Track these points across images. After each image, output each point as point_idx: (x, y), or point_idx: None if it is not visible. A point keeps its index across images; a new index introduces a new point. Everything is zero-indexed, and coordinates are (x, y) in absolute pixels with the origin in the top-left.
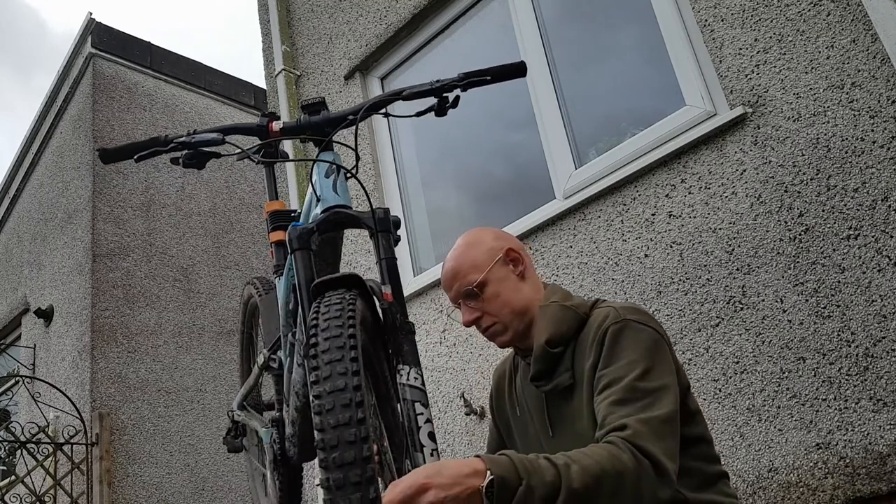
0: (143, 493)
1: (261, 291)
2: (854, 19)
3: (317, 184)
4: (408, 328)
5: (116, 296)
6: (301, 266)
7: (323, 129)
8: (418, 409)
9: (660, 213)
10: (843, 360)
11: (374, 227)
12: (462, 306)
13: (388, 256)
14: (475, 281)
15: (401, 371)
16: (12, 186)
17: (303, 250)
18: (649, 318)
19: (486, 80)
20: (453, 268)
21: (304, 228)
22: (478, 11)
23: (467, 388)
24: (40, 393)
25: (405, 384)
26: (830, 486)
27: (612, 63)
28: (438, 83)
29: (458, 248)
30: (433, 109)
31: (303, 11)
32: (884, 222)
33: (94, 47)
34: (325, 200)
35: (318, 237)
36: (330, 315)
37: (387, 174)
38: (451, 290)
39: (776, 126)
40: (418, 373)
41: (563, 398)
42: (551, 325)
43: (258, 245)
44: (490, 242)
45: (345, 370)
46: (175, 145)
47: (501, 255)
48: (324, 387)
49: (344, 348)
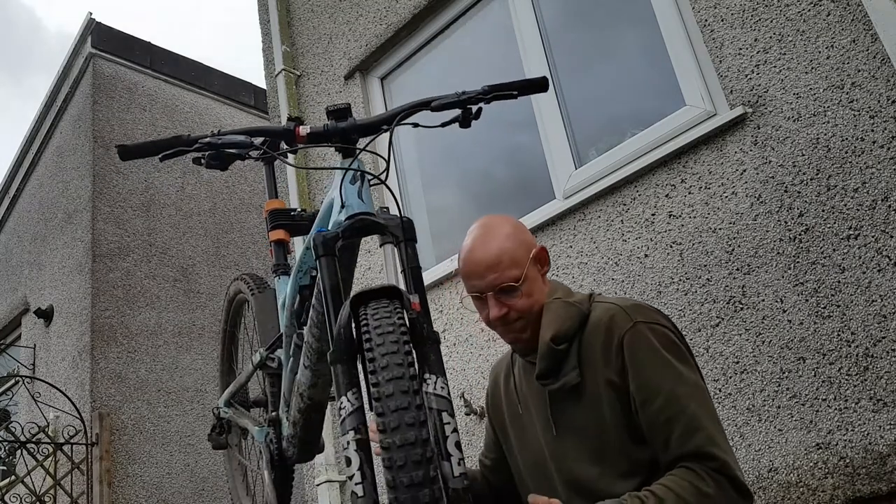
0: (143, 493)
1: (253, 289)
2: (854, 19)
3: (343, 190)
4: (434, 337)
5: (116, 296)
6: (327, 273)
7: (349, 135)
8: (445, 418)
9: (660, 213)
10: (843, 360)
11: (400, 235)
12: (491, 299)
13: (414, 265)
14: (518, 277)
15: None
16: (12, 186)
17: (328, 256)
18: (656, 315)
19: (512, 94)
20: (491, 257)
21: (328, 234)
22: (478, 11)
23: (467, 388)
24: (40, 393)
25: (432, 393)
26: (830, 486)
27: (612, 63)
28: (465, 95)
29: (489, 235)
30: (458, 121)
31: (303, 11)
32: (884, 222)
33: (94, 47)
34: (349, 207)
35: (342, 243)
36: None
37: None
38: (482, 280)
39: (776, 126)
40: (444, 382)
41: (570, 397)
42: (556, 322)
43: (258, 245)
44: (523, 236)
45: (413, 420)
46: (200, 145)
47: (535, 253)
48: (392, 439)
49: (408, 393)
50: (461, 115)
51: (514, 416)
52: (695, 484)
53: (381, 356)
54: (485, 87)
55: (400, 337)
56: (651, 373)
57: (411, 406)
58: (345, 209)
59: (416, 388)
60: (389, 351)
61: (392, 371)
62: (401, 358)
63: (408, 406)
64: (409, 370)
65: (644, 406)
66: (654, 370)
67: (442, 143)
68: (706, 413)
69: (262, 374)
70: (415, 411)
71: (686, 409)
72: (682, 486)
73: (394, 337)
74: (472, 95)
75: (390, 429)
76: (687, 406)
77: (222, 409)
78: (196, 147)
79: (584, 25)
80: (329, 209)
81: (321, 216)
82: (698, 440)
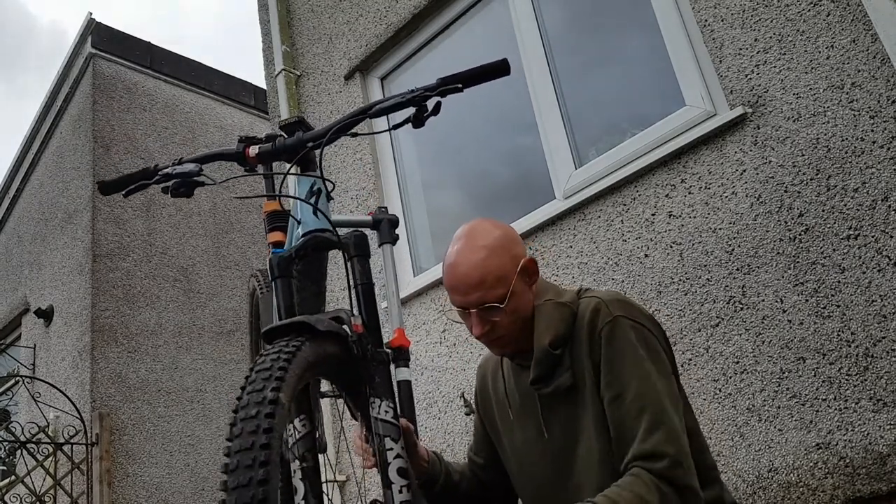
0: (143, 493)
1: (262, 287)
2: (854, 19)
3: (296, 207)
4: (380, 358)
5: (116, 296)
6: (281, 294)
7: (297, 151)
8: (388, 444)
9: (660, 213)
10: (843, 360)
11: (351, 251)
12: (474, 316)
13: (364, 282)
14: (503, 296)
15: (372, 404)
16: (12, 186)
17: (283, 278)
18: (636, 312)
19: (458, 88)
20: (477, 276)
21: (282, 256)
22: (478, 11)
23: (467, 388)
24: (40, 393)
25: (377, 418)
26: (830, 486)
27: (612, 63)
28: (412, 93)
29: (474, 248)
30: (409, 121)
31: (303, 11)
32: (884, 222)
33: (94, 47)
34: (304, 224)
35: (299, 262)
36: (268, 355)
37: (387, 174)
38: (466, 297)
39: (776, 126)
40: (389, 406)
41: (562, 399)
42: (551, 326)
43: (258, 245)
44: (511, 247)
45: (261, 399)
46: (159, 178)
47: (522, 267)
48: (239, 415)
49: (269, 380)
50: (414, 114)
51: (504, 417)
52: (638, 493)
53: (247, 395)
54: (437, 80)
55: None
56: (621, 369)
57: (254, 447)
58: (301, 226)
59: (268, 427)
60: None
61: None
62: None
63: (251, 447)
64: (266, 410)
65: (611, 403)
66: (623, 367)
67: (442, 142)
68: (667, 415)
69: None
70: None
71: (651, 409)
72: (624, 498)
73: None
74: (418, 93)
75: (230, 471)
76: (652, 406)
77: None
78: (155, 179)
79: (585, 25)
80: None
81: (289, 235)
82: (654, 441)
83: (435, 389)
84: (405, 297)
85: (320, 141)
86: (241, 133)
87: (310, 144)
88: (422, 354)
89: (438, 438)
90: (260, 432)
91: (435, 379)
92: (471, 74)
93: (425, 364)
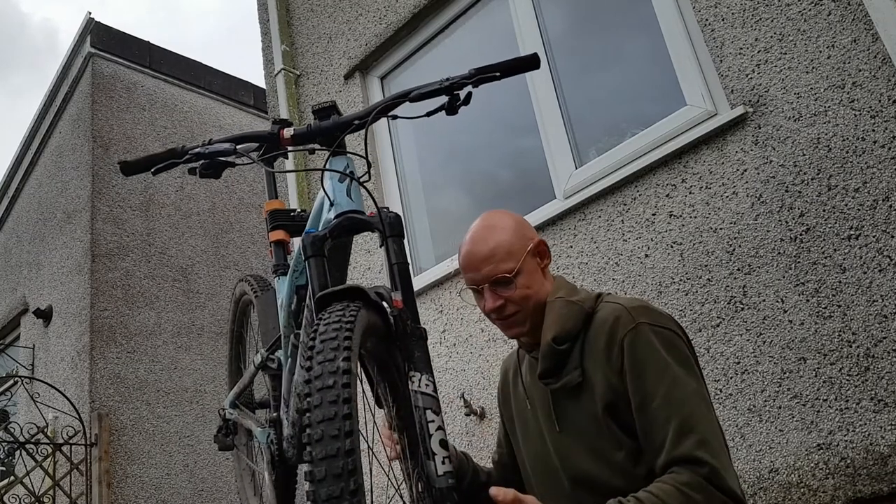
0: (142, 493)
1: (256, 290)
2: (855, 19)
3: (330, 189)
4: (419, 334)
5: (116, 296)
6: (315, 273)
7: (333, 133)
8: (429, 416)
9: (660, 213)
10: (844, 361)
11: (387, 231)
12: (486, 291)
13: (400, 262)
14: (512, 269)
15: (412, 378)
16: (11, 186)
17: (317, 257)
18: (661, 317)
19: (495, 76)
20: (487, 250)
21: (317, 235)
22: (477, 11)
23: (467, 388)
24: (39, 393)
25: (417, 391)
26: (831, 486)
27: (613, 62)
28: (448, 81)
29: (487, 229)
30: (444, 108)
31: (302, 11)
32: (885, 222)
33: (93, 47)
34: (338, 206)
35: (331, 242)
36: (330, 321)
37: (387, 174)
38: (478, 272)
39: (777, 126)
40: (430, 379)
41: (571, 396)
42: (557, 322)
43: (258, 245)
44: (522, 230)
45: (335, 369)
46: (190, 157)
47: (533, 246)
48: (314, 385)
49: (338, 349)
50: (447, 102)
51: (520, 412)
52: (681, 490)
53: (318, 353)
54: (471, 71)
55: (344, 325)
56: (648, 375)
57: (337, 417)
58: (333, 208)
59: (346, 382)
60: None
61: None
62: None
63: (333, 417)
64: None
65: (640, 409)
66: (651, 373)
67: (442, 142)
68: (701, 418)
69: (265, 375)
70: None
71: (680, 413)
72: (667, 493)
73: (333, 344)
74: (455, 80)
75: (314, 441)
76: (681, 410)
77: (228, 411)
78: (186, 158)
79: (585, 24)
80: (321, 208)
81: (313, 215)
82: (689, 444)
83: None
84: None
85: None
86: None
87: (356, 122)
88: None
89: None
90: (341, 402)
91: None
92: (505, 66)
93: None
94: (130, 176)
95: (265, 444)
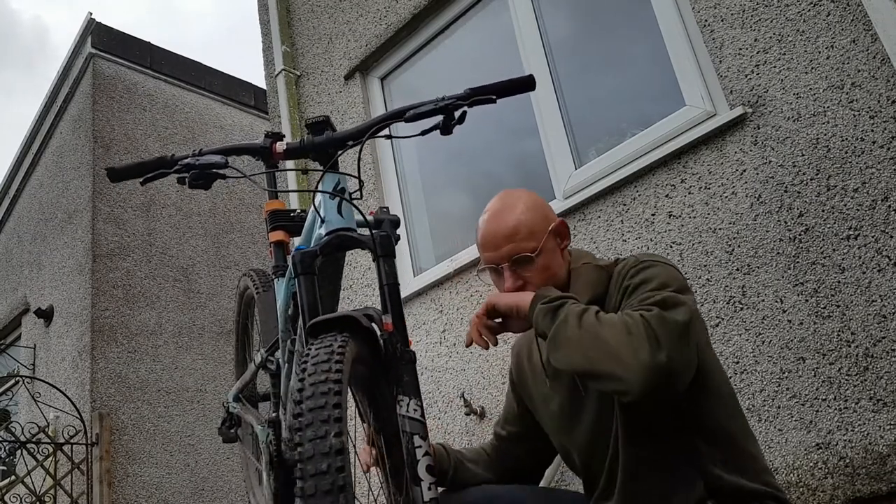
0: (143, 493)
1: (258, 286)
2: (854, 19)
3: (321, 205)
4: (408, 357)
5: (116, 296)
6: (305, 291)
7: (326, 150)
8: (416, 441)
9: (660, 213)
10: (843, 361)
11: (377, 251)
12: (507, 270)
13: (391, 283)
14: (534, 248)
15: (400, 402)
16: (12, 186)
17: (307, 275)
18: (664, 259)
19: (491, 99)
20: (508, 228)
21: (307, 252)
22: (478, 12)
23: (467, 388)
24: (40, 393)
25: (405, 415)
26: (830, 486)
27: (612, 63)
28: (443, 101)
29: (509, 207)
30: (438, 128)
31: (303, 11)
32: (884, 222)
33: (94, 47)
34: (329, 223)
35: (322, 259)
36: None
37: (387, 173)
38: (498, 251)
39: (776, 126)
40: (418, 404)
41: None
42: (589, 287)
43: (258, 245)
44: (543, 210)
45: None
46: (180, 167)
47: (555, 226)
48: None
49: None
50: (442, 122)
51: (540, 386)
52: (623, 317)
53: (308, 411)
54: (466, 91)
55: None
56: (642, 285)
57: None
58: (324, 224)
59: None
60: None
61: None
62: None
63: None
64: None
65: (626, 298)
66: (646, 285)
67: (442, 142)
68: (682, 318)
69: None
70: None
71: (660, 293)
72: (609, 316)
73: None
74: (450, 101)
75: (308, 496)
76: (664, 295)
77: (231, 404)
78: (176, 168)
79: (584, 25)
80: (312, 224)
81: (305, 230)
82: (656, 298)
83: (435, 390)
84: (405, 297)
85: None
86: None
87: (350, 143)
88: (422, 355)
89: (438, 438)
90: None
91: (435, 379)
92: (500, 87)
93: (425, 364)
94: (118, 182)
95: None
